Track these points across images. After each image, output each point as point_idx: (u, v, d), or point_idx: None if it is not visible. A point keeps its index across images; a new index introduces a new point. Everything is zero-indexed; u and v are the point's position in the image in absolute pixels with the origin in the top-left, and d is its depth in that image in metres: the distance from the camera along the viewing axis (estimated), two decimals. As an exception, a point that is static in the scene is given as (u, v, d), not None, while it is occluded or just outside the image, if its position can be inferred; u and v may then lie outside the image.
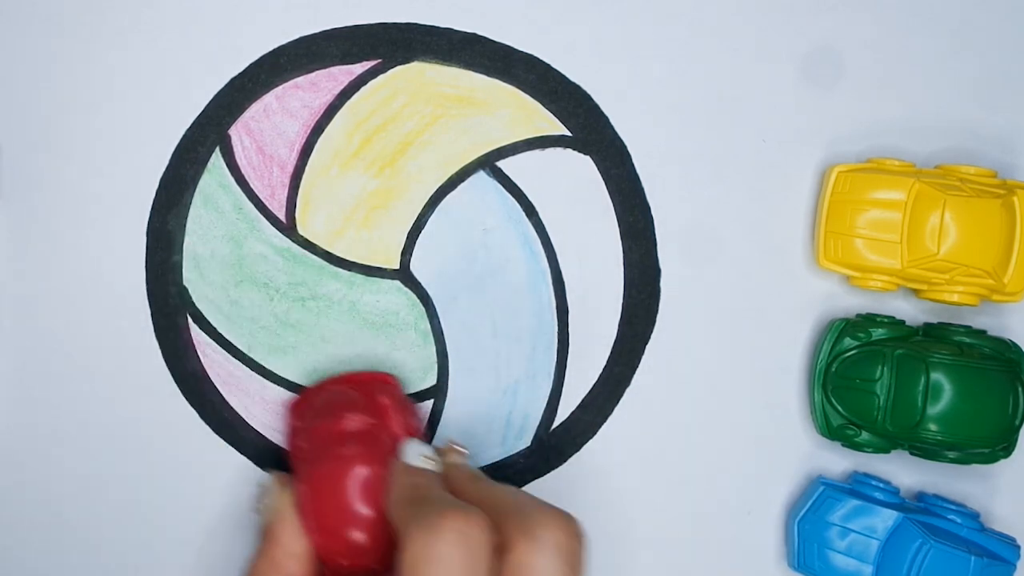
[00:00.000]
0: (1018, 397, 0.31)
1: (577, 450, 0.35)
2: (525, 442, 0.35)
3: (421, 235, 0.34)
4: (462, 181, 0.34)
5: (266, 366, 0.34)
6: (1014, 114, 0.34)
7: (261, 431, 0.34)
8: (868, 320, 0.33)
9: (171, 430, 0.34)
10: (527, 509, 0.27)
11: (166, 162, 0.34)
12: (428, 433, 0.35)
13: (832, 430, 0.33)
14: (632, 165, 0.34)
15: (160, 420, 0.34)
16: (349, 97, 0.34)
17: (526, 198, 0.34)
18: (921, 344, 0.32)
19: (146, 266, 0.34)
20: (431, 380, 0.34)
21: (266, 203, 0.34)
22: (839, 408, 0.33)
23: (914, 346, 0.32)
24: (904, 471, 0.35)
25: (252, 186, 0.34)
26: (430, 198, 0.34)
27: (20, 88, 0.34)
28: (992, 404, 0.31)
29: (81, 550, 0.34)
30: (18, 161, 0.34)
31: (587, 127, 0.34)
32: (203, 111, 0.34)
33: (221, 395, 0.34)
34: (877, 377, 0.32)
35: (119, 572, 0.35)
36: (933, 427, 0.31)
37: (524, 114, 0.34)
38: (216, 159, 0.34)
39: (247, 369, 0.34)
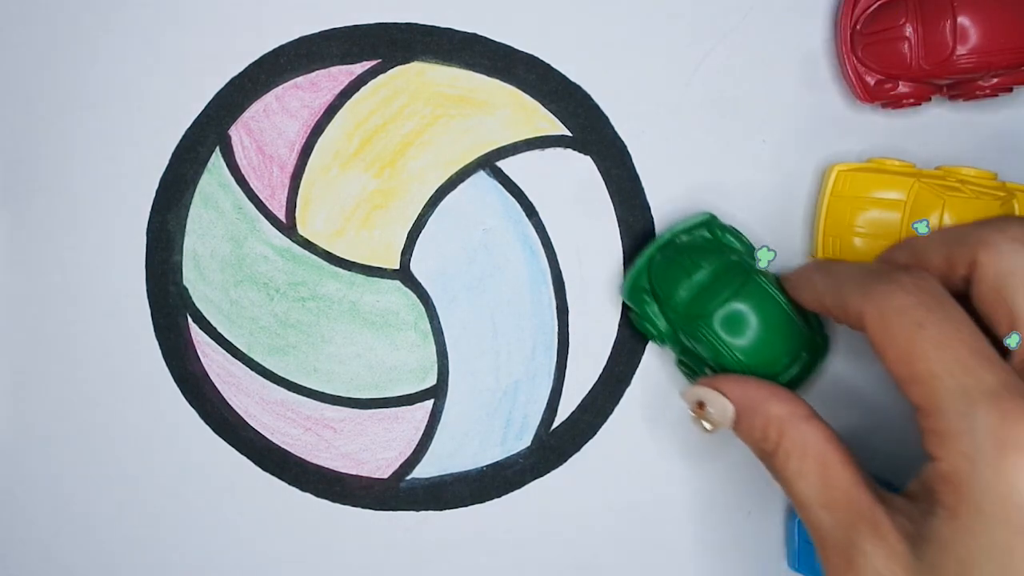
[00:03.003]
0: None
1: (577, 450, 0.35)
2: (525, 442, 0.35)
3: (421, 235, 0.34)
4: (462, 181, 0.34)
5: (266, 366, 0.34)
6: (1015, 115, 0.34)
7: (261, 431, 0.34)
8: (727, 228, 0.32)
9: (171, 430, 0.34)
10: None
11: (166, 162, 0.34)
12: (426, 433, 0.35)
13: (632, 291, 0.32)
14: (632, 165, 0.34)
15: (160, 420, 0.34)
16: (349, 97, 0.34)
17: (526, 198, 0.34)
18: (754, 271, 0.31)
19: (146, 266, 0.34)
20: (431, 380, 0.34)
21: (266, 203, 0.34)
22: (653, 275, 0.32)
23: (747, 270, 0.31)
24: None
25: (252, 186, 0.34)
26: (430, 198, 0.34)
27: (20, 88, 0.34)
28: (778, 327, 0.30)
29: (81, 550, 0.34)
30: (18, 161, 0.34)
31: (587, 127, 0.34)
32: (203, 111, 0.34)
33: (221, 395, 0.34)
34: (703, 265, 0.31)
35: (119, 572, 0.35)
36: (740, 356, 0.30)
37: (524, 114, 0.34)
38: (216, 159, 0.34)
39: (247, 369, 0.34)
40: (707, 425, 0.29)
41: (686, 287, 0.31)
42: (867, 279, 0.26)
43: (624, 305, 0.34)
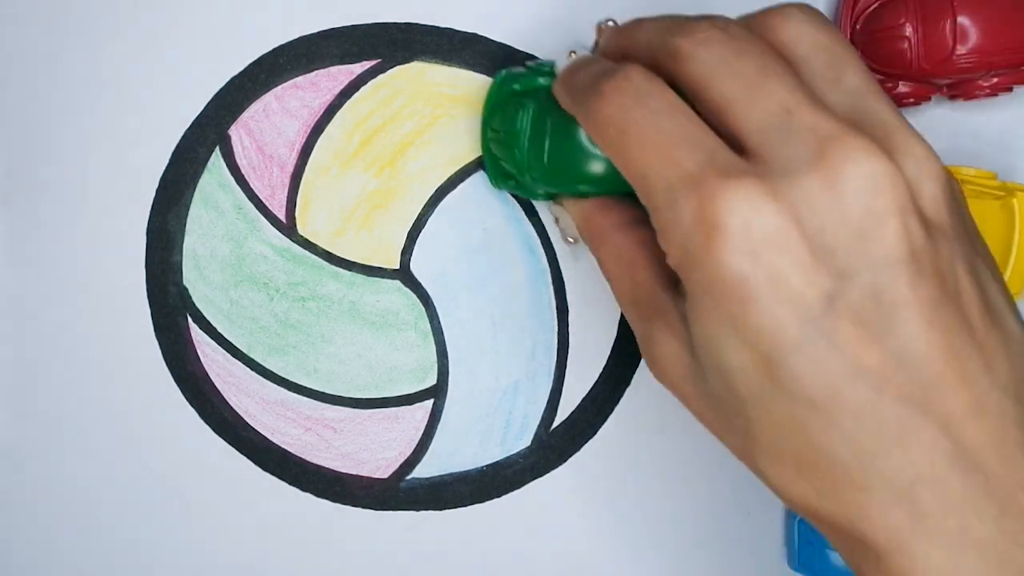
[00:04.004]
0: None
1: (577, 450, 0.35)
2: (525, 442, 0.35)
3: (421, 235, 0.34)
4: (462, 181, 0.34)
5: (266, 366, 0.34)
6: (1015, 115, 0.34)
7: (261, 431, 0.34)
8: (523, 70, 0.31)
9: (171, 430, 0.34)
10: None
11: (166, 162, 0.34)
12: (426, 433, 0.35)
13: (498, 179, 0.32)
14: (632, 165, 0.34)
15: (160, 420, 0.34)
16: (349, 97, 0.34)
17: (530, 203, 0.34)
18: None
19: (146, 266, 0.34)
20: (431, 380, 0.34)
21: (266, 203, 0.34)
22: (499, 159, 0.32)
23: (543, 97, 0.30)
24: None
25: (252, 186, 0.34)
26: (430, 198, 0.34)
27: (19, 88, 0.34)
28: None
29: (81, 550, 0.34)
30: (18, 161, 0.34)
31: (587, 127, 0.34)
32: (203, 111, 0.34)
33: (221, 395, 0.34)
34: (518, 129, 0.30)
35: (119, 572, 0.35)
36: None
37: (524, 114, 0.34)
38: (216, 159, 0.34)
39: (247, 369, 0.34)
40: (569, 239, 0.31)
41: (519, 153, 0.30)
42: (581, 93, 0.26)
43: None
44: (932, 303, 0.22)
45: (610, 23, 0.30)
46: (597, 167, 0.28)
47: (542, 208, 0.34)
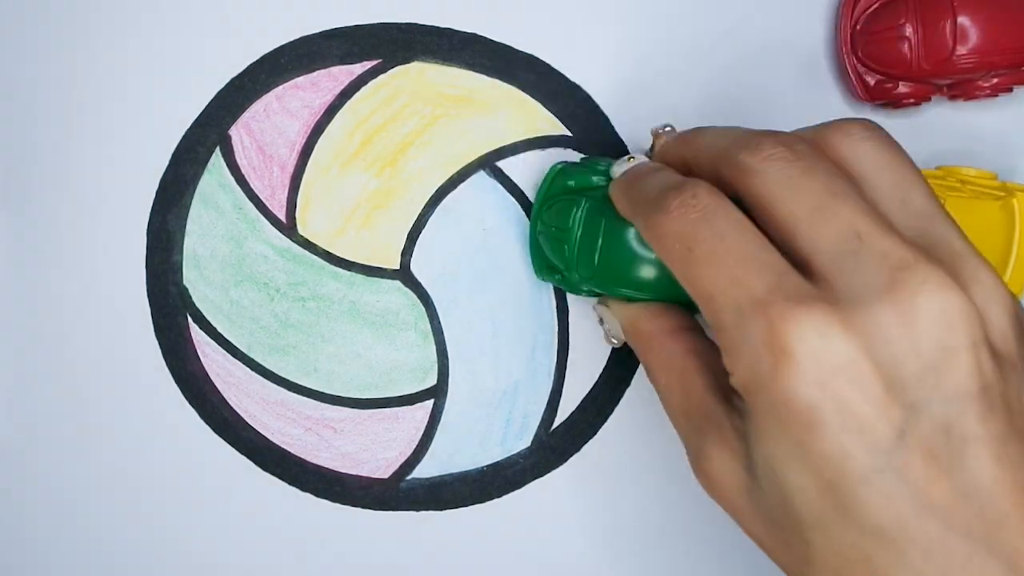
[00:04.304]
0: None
1: (577, 450, 0.35)
2: (525, 442, 0.35)
3: (421, 235, 0.34)
4: (462, 181, 0.34)
5: (266, 366, 0.34)
6: (1015, 115, 0.34)
7: (261, 431, 0.34)
8: (578, 166, 0.31)
9: (171, 430, 0.34)
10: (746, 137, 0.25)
11: (166, 162, 0.34)
12: (427, 433, 0.35)
13: (543, 271, 0.33)
14: (632, 165, 0.34)
15: (160, 420, 0.34)
16: (349, 97, 0.34)
17: (526, 198, 0.34)
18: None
19: (146, 266, 0.34)
20: (431, 380, 0.34)
21: (266, 203, 0.34)
22: (547, 252, 0.32)
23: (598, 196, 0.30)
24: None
25: (252, 186, 0.34)
26: (430, 198, 0.34)
27: (20, 88, 0.34)
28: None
29: (81, 550, 0.34)
30: (18, 161, 0.34)
31: (587, 127, 0.34)
32: (203, 111, 0.34)
33: (221, 395, 0.34)
34: (570, 226, 0.30)
35: (119, 572, 0.35)
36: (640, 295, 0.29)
37: (524, 114, 0.34)
38: (216, 159, 0.34)
39: (247, 369, 0.34)
40: (613, 340, 0.30)
41: (568, 250, 0.30)
42: (644, 204, 0.26)
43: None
44: (1001, 439, 0.21)
45: (668, 129, 0.30)
46: (648, 273, 0.28)
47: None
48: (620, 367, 0.35)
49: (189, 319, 0.34)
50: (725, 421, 0.25)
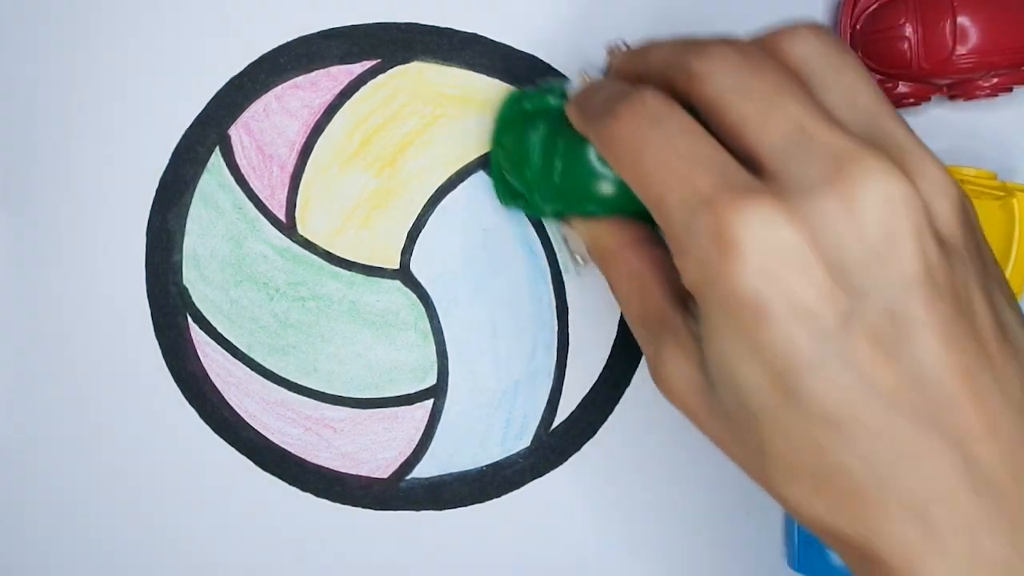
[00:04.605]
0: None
1: (577, 450, 0.35)
2: (525, 442, 0.35)
3: (421, 235, 0.34)
4: (462, 181, 0.34)
5: (266, 366, 0.34)
6: (1015, 115, 0.34)
7: (261, 431, 0.34)
8: (534, 91, 0.31)
9: (171, 430, 0.34)
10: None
11: (166, 162, 0.34)
12: (426, 433, 0.35)
13: (507, 198, 0.33)
14: (632, 165, 0.34)
15: (160, 420, 0.34)
16: (349, 97, 0.34)
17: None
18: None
19: (146, 266, 0.34)
20: (431, 380, 0.34)
21: (266, 203, 0.34)
22: (508, 178, 0.32)
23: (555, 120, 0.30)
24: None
25: (252, 186, 0.34)
26: (430, 198, 0.34)
27: (20, 88, 0.34)
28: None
29: (80, 550, 0.34)
30: (18, 161, 0.34)
31: (587, 127, 0.34)
32: (203, 111, 0.34)
33: (221, 395, 0.34)
34: (529, 149, 0.30)
35: (119, 572, 0.35)
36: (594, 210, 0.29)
37: (524, 114, 0.34)
38: (216, 159, 0.34)
39: (247, 369, 0.34)
40: (579, 260, 0.31)
41: (529, 173, 0.30)
42: (596, 115, 0.26)
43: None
44: (947, 322, 0.22)
45: (621, 45, 0.30)
46: (607, 188, 0.28)
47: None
48: (620, 367, 0.35)
49: (189, 319, 0.34)
50: (680, 325, 0.26)
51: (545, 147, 0.29)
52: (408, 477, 0.35)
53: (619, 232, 0.29)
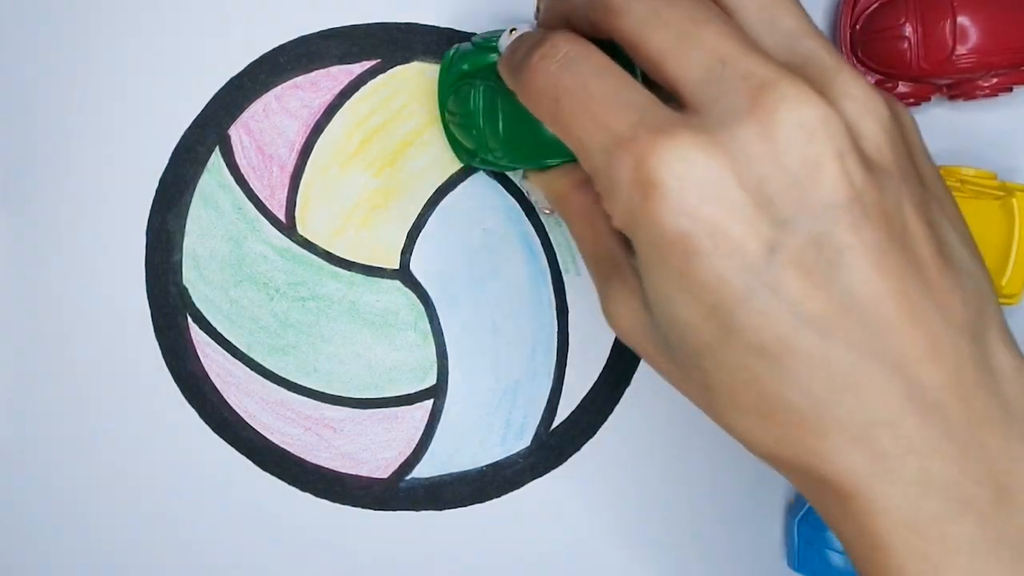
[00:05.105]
0: None
1: (577, 450, 0.35)
2: (525, 442, 0.35)
3: (421, 235, 0.34)
4: (462, 181, 0.34)
5: (266, 366, 0.34)
6: (1015, 115, 0.34)
7: (261, 431, 0.34)
8: (472, 48, 0.31)
9: (171, 430, 0.34)
10: None
11: (165, 162, 0.34)
12: (426, 433, 0.35)
13: (463, 155, 0.32)
14: (632, 165, 0.34)
15: (160, 420, 0.34)
16: (349, 97, 0.34)
17: (526, 198, 0.34)
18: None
19: (146, 266, 0.34)
20: (431, 380, 0.34)
21: (266, 203, 0.34)
22: (459, 138, 0.32)
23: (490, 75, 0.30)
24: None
25: (252, 186, 0.34)
26: (430, 198, 0.34)
27: (20, 88, 0.34)
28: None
29: (80, 550, 0.34)
30: (18, 161, 0.34)
31: (587, 127, 0.34)
32: (203, 111, 0.34)
33: (221, 395, 0.34)
34: (472, 109, 0.30)
35: (119, 572, 0.35)
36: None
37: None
38: (216, 159, 0.34)
39: (247, 369, 0.34)
40: (545, 210, 0.31)
41: (477, 133, 0.30)
42: (516, 72, 0.26)
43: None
44: (878, 246, 0.21)
45: None
46: (550, 138, 0.28)
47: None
48: (620, 367, 0.35)
49: (189, 319, 0.34)
50: (624, 262, 0.26)
51: (486, 106, 0.30)
52: (408, 477, 0.35)
53: (570, 175, 0.29)
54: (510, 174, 0.34)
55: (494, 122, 0.29)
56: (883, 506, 0.22)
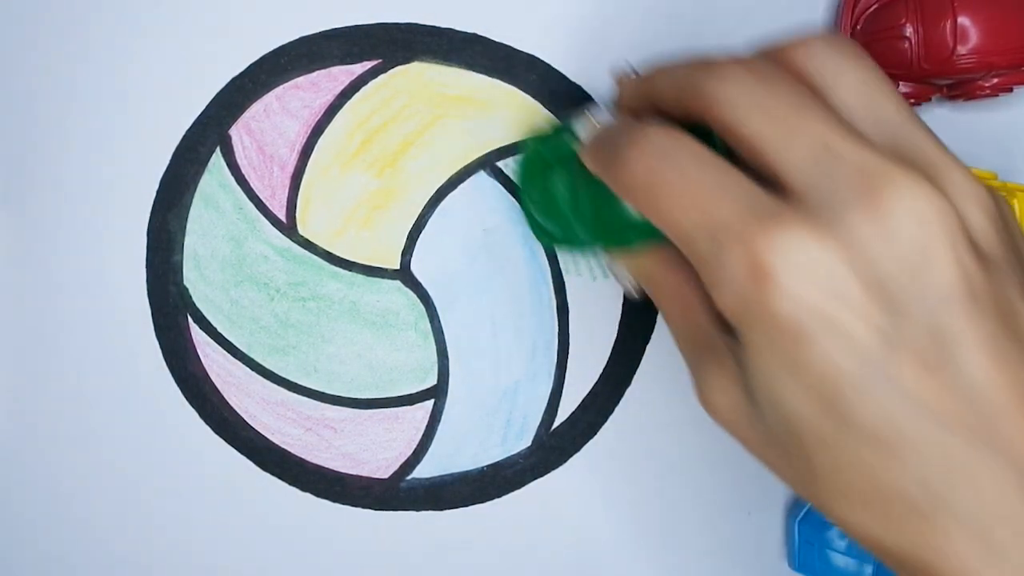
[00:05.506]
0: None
1: (577, 450, 0.35)
2: (525, 442, 0.35)
3: (421, 235, 0.34)
4: (462, 181, 0.34)
5: (266, 366, 0.34)
6: (1015, 115, 0.34)
7: (261, 431, 0.34)
8: (549, 135, 0.31)
9: (171, 430, 0.34)
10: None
11: (166, 162, 0.34)
12: (427, 433, 0.35)
13: (545, 239, 0.33)
14: (632, 165, 0.34)
15: (160, 420, 0.34)
16: (349, 97, 0.34)
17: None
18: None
19: (146, 266, 0.34)
20: (431, 380, 0.34)
21: (266, 203, 0.34)
22: (543, 224, 0.32)
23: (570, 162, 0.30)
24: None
25: (252, 186, 0.34)
26: (430, 198, 0.34)
27: (20, 88, 0.34)
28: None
29: (81, 550, 0.34)
30: (18, 161, 0.34)
31: (587, 127, 0.34)
32: (203, 111, 0.34)
33: (221, 395, 0.34)
34: (557, 198, 0.30)
35: (119, 572, 0.35)
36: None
37: (524, 114, 0.34)
38: (216, 159, 0.34)
39: (247, 369, 0.34)
40: (634, 294, 0.31)
41: (562, 220, 0.30)
42: (606, 162, 0.26)
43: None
44: (992, 337, 0.21)
45: (629, 71, 0.29)
46: (639, 224, 0.28)
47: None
48: (620, 367, 0.35)
49: (189, 319, 0.34)
50: (724, 348, 0.25)
51: (570, 194, 0.30)
52: (408, 477, 0.35)
53: (659, 254, 0.28)
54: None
55: (578, 208, 0.29)
56: None
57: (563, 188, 0.30)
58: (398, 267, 0.34)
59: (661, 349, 0.34)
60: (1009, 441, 0.21)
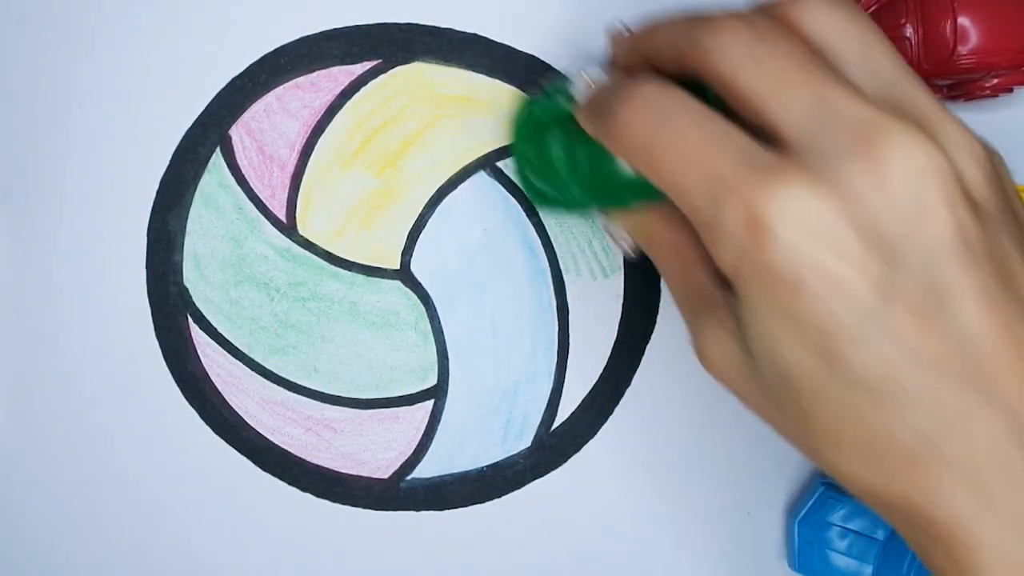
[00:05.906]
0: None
1: (578, 450, 0.35)
2: (525, 442, 0.35)
3: (421, 235, 0.34)
4: (462, 181, 0.34)
5: (266, 366, 0.34)
6: (1015, 115, 0.34)
7: (261, 431, 0.34)
8: (544, 97, 0.31)
9: (171, 430, 0.34)
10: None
11: (166, 162, 0.34)
12: (427, 433, 0.35)
13: (539, 201, 0.33)
14: (632, 165, 0.34)
15: (160, 420, 0.34)
16: (349, 97, 0.34)
17: (526, 198, 0.34)
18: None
19: (146, 266, 0.34)
20: (431, 380, 0.34)
21: (266, 203, 0.34)
22: (537, 185, 0.32)
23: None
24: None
25: (252, 186, 0.34)
26: (430, 198, 0.34)
27: (19, 88, 0.34)
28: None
29: (81, 550, 0.34)
30: (18, 161, 0.34)
31: (587, 127, 0.34)
32: (203, 111, 0.34)
33: (221, 395, 0.34)
34: (552, 158, 0.30)
35: (119, 572, 0.35)
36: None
37: (524, 114, 0.34)
38: (216, 159, 0.34)
39: (247, 369, 0.34)
40: (630, 252, 0.31)
41: (558, 180, 0.30)
42: (601, 121, 0.26)
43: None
44: (985, 287, 0.22)
45: (623, 30, 0.29)
46: (635, 182, 0.28)
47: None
48: (620, 367, 0.35)
49: (189, 319, 0.34)
50: (721, 303, 0.26)
51: (567, 154, 0.29)
52: (409, 477, 0.35)
53: (656, 212, 0.29)
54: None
55: (574, 169, 0.29)
56: (988, 547, 0.22)
57: (559, 149, 0.30)
58: (398, 267, 0.34)
59: (661, 349, 0.34)
60: (1001, 388, 0.22)
